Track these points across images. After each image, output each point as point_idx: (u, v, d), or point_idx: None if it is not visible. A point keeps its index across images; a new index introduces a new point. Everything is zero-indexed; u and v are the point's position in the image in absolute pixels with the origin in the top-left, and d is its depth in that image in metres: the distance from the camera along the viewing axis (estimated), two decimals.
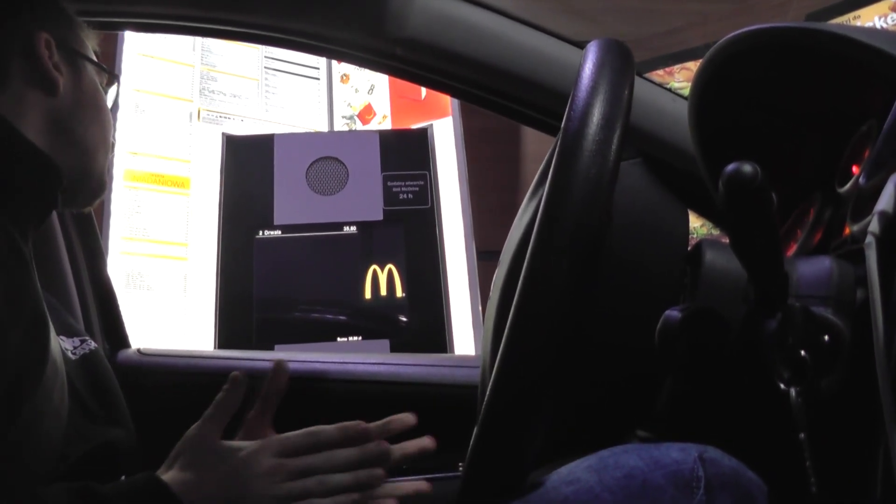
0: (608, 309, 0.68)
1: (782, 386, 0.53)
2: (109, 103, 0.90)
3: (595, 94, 0.57)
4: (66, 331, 0.87)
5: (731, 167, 0.51)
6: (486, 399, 0.56)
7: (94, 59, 0.88)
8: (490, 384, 0.56)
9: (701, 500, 0.54)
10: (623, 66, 0.60)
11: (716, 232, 2.18)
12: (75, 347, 0.86)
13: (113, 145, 0.90)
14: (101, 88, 0.88)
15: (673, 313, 0.60)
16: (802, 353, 0.53)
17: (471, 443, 0.59)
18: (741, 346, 0.60)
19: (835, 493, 0.52)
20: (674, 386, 0.67)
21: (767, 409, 0.56)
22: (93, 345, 0.89)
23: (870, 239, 0.43)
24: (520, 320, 0.54)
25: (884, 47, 0.61)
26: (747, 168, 0.50)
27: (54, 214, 1.14)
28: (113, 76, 0.91)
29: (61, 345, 0.81)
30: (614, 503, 0.54)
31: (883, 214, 0.43)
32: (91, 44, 0.88)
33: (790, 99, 0.80)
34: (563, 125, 0.58)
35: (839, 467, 0.54)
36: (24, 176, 0.75)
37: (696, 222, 2.50)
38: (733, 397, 0.63)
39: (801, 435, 0.52)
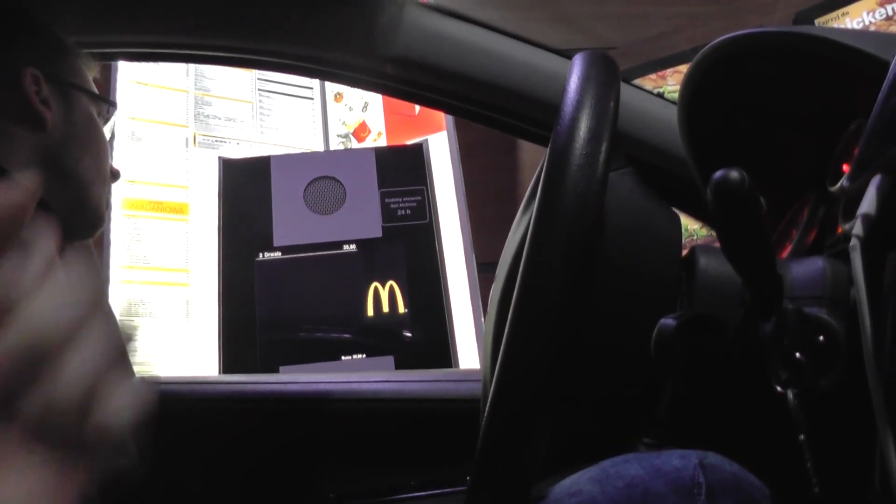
0: (607, 319, 0.69)
1: (779, 388, 0.54)
2: (108, 134, 0.89)
3: (581, 108, 0.57)
4: None
5: (717, 174, 0.51)
6: (486, 413, 0.56)
7: (90, 88, 0.86)
8: (489, 398, 0.56)
9: None
10: (608, 78, 0.60)
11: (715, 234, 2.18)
12: None
13: (115, 175, 0.89)
14: (95, 118, 0.86)
15: (667, 321, 0.60)
16: (798, 354, 0.53)
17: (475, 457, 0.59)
18: (738, 351, 0.60)
19: (837, 493, 0.52)
20: (674, 393, 0.67)
21: (767, 412, 0.57)
22: None
23: (854, 242, 0.43)
24: (515, 335, 0.54)
25: (866, 48, 0.61)
26: (734, 175, 0.51)
27: None
28: (111, 105, 0.90)
29: None
30: None
31: (866, 217, 0.44)
32: (91, 72, 0.87)
33: (779, 101, 0.81)
34: (550, 140, 0.58)
35: (840, 466, 0.54)
36: None
37: (695, 224, 2.50)
38: (733, 402, 0.63)
39: (801, 436, 0.52)
